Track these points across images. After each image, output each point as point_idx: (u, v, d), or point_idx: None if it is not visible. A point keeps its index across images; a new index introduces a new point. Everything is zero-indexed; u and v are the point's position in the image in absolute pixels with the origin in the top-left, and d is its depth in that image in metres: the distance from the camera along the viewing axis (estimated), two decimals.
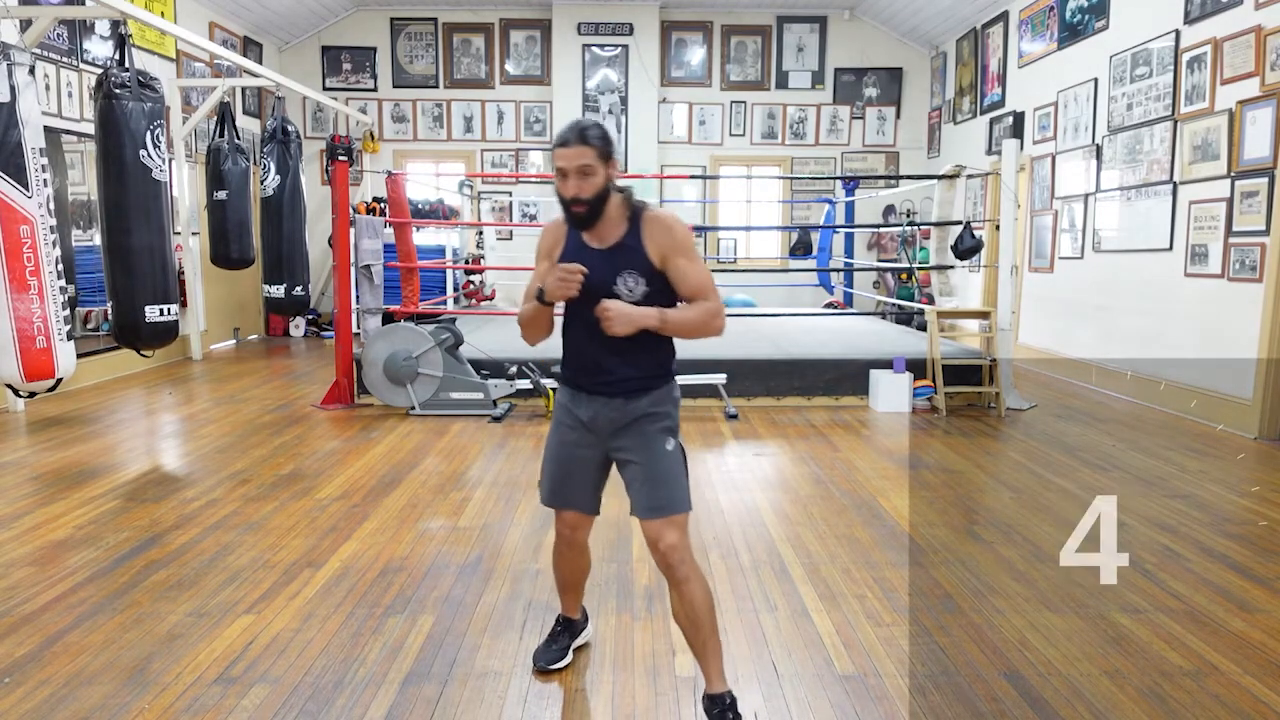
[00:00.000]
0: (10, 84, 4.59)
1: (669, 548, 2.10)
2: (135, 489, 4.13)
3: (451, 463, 4.67)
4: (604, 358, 2.17)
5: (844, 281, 10.02)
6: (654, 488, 2.15)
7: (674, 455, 2.18)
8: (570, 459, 2.27)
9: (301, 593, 2.94)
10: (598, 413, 2.20)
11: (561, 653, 2.48)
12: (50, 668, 2.43)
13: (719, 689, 2.16)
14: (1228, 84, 5.56)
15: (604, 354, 2.16)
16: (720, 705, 2.14)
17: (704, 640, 2.15)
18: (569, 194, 2.07)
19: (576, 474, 2.27)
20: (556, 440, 2.29)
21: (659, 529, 2.12)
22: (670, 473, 2.16)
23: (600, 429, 2.21)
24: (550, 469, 2.30)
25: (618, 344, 2.12)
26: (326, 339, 9.67)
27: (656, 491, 2.14)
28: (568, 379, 2.27)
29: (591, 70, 10.63)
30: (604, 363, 2.17)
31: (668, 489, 2.15)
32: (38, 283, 4.73)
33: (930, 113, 10.78)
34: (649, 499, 2.15)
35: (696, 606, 2.13)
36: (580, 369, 2.23)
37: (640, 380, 2.18)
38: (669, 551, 2.10)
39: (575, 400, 2.24)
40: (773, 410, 6.06)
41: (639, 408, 2.18)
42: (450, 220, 10.04)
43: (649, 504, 2.14)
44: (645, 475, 2.16)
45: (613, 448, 2.22)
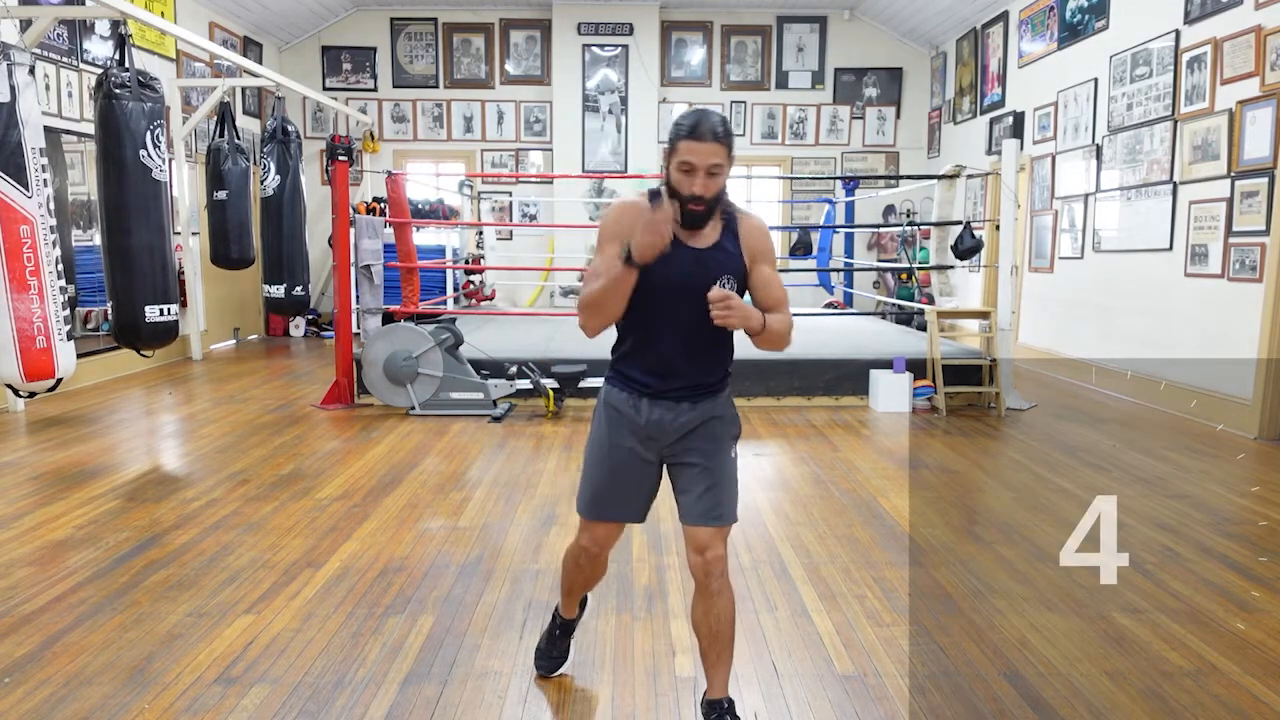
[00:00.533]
0: (10, 84, 4.59)
1: (715, 558, 2.04)
2: (135, 489, 4.13)
3: (451, 463, 4.67)
4: (684, 359, 2.07)
5: (844, 281, 10.02)
6: (716, 494, 2.06)
7: (735, 464, 2.13)
8: (625, 467, 2.14)
9: (301, 593, 2.94)
10: (663, 418, 2.09)
11: (562, 656, 2.47)
12: (50, 668, 2.43)
13: (718, 695, 2.13)
14: (1228, 84, 5.56)
15: (685, 355, 2.07)
16: (719, 710, 2.12)
17: (720, 652, 2.11)
18: (694, 191, 1.93)
19: (630, 484, 2.15)
20: (608, 446, 2.14)
21: (710, 538, 2.04)
22: (733, 480, 2.11)
23: (664, 435, 2.10)
24: (598, 476, 2.16)
25: (700, 346, 2.05)
26: (326, 339, 9.67)
27: (718, 498, 2.06)
28: (630, 381, 2.12)
29: (591, 70, 10.63)
30: (681, 365, 2.07)
31: (729, 497, 2.09)
32: (38, 283, 4.73)
33: (930, 113, 10.78)
34: (709, 505, 2.06)
35: (723, 620, 2.08)
36: (650, 371, 2.09)
37: (714, 384, 2.12)
38: (714, 561, 2.04)
39: (637, 405, 2.10)
40: (773, 410, 6.06)
41: (710, 410, 2.11)
42: (450, 220, 10.04)
43: (708, 511, 2.06)
44: (710, 481, 2.07)
45: (673, 452, 2.12)
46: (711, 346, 2.07)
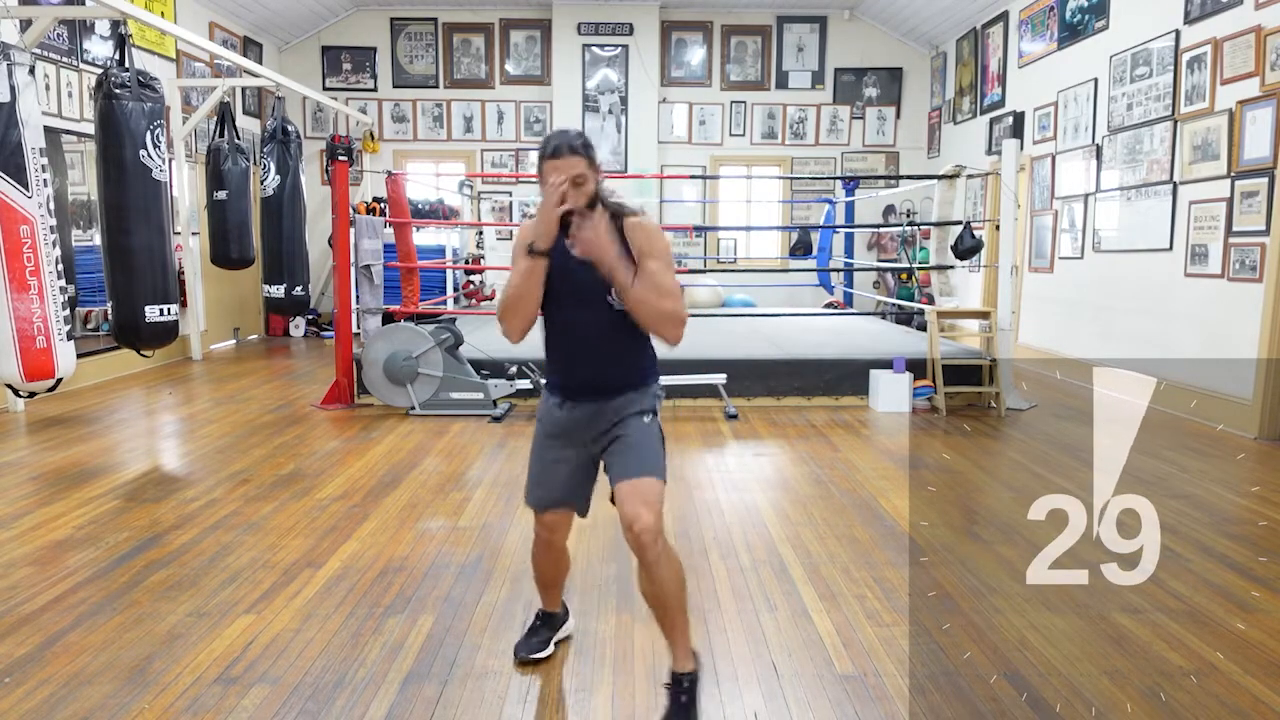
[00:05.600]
0: (10, 84, 4.59)
1: (644, 529, 2.08)
2: (135, 489, 4.13)
3: (451, 463, 4.67)
4: (594, 361, 2.22)
5: (844, 281, 10.02)
6: (632, 453, 2.17)
7: (650, 428, 2.22)
8: (556, 460, 2.29)
9: (301, 593, 2.94)
10: (584, 415, 2.24)
11: (543, 644, 2.51)
12: (50, 668, 2.42)
13: (681, 668, 2.19)
14: (1228, 84, 5.56)
15: (591, 357, 2.21)
16: (678, 684, 2.17)
17: (671, 621, 2.19)
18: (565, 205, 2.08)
19: (563, 475, 2.29)
20: (541, 444, 2.33)
21: (635, 507, 2.10)
22: (647, 441, 2.20)
23: (586, 431, 2.25)
24: (535, 471, 2.34)
25: (608, 348, 2.20)
26: (326, 339, 9.67)
27: (633, 455, 2.17)
28: (554, 387, 2.30)
29: (591, 70, 10.63)
30: (592, 367, 2.22)
31: (645, 454, 2.17)
32: (38, 283, 4.73)
33: (930, 113, 10.78)
34: (625, 464, 2.17)
35: (668, 588, 2.15)
36: (568, 373, 2.26)
37: (626, 383, 2.24)
38: (644, 533, 2.09)
39: (560, 405, 2.27)
40: (773, 410, 6.06)
41: (623, 405, 2.22)
42: (450, 220, 10.04)
43: (625, 468, 2.16)
44: (624, 445, 2.19)
45: (598, 445, 2.26)
46: (621, 348, 2.22)
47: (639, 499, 2.11)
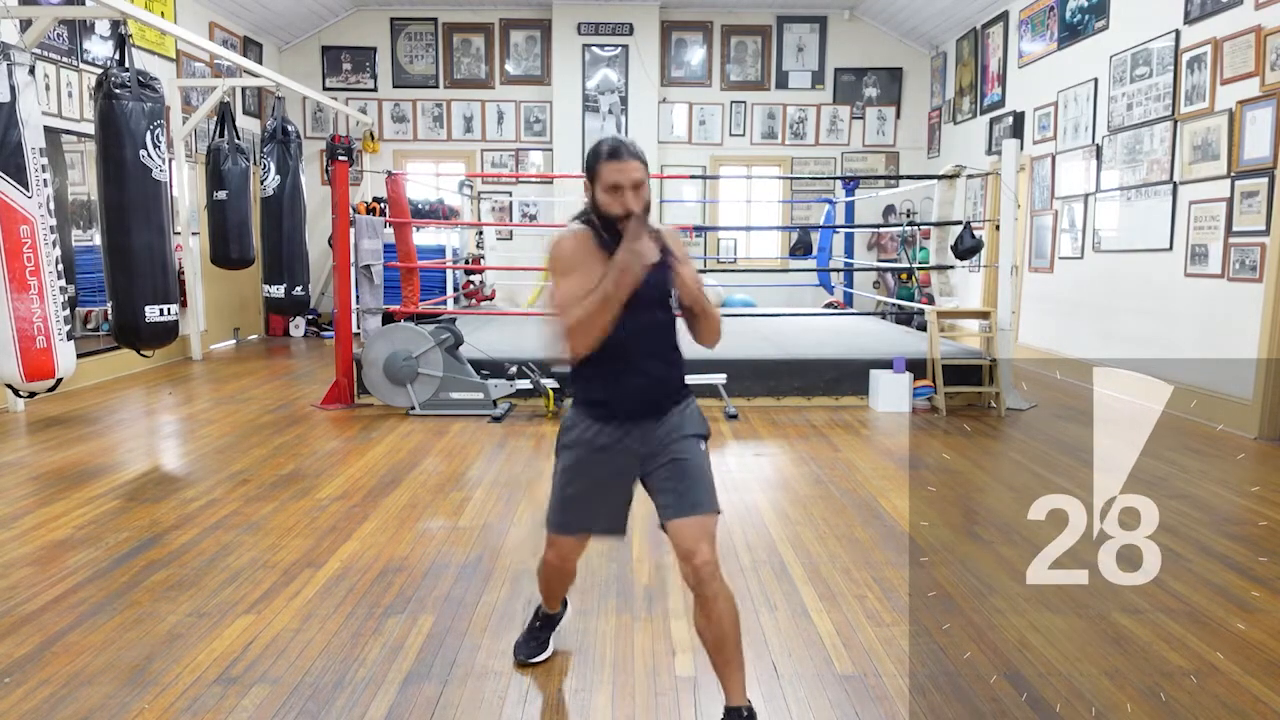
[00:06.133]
0: (10, 84, 4.59)
1: (704, 563, 2.00)
2: (135, 489, 4.13)
3: (451, 463, 4.67)
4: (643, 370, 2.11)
5: (844, 281, 10.02)
6: (692, 483, 2.07)
7: (706, 456, 2.14)
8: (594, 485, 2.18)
9: (301, 593, 2.94)
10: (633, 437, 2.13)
11: (541, 647, 2.51)
12: (50, 668, 2.42)
13: (737, 702, 2.07)
14: (1228, 84, 5.56)
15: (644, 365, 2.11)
16: (738, 717, 2.07)
17: (729, 656, 2.05)
18: (626, 208, 2.01)
19: (601, 501, 2.19)
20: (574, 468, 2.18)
21: (693, 539, 2.00)
22: (706, 470, 2.11)
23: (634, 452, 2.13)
24: (565, 496, 2.20)
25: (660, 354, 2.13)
26: (326, 339, 9.67)
27: (694, 485, 2.07)
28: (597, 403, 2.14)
29: (591, 70, 10.63)
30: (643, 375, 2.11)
31: (705, 485, 2.08)
32: (38, 283, 4.73)
33: (930, 113, 10.78)
34: (686, 495, 2.06)
35: (726, 623, 2.03)
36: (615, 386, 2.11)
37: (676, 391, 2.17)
38: (703, 566, 2.00)
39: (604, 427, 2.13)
40: (773, 410, 6.06)
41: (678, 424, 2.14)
42: (450, 220, 10.04)
43: (686, 501, 2.05)
44: (682, 472, 2.08)
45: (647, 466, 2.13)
46: (673, 355, 2.17)
47: (700, 531, 2.02)
